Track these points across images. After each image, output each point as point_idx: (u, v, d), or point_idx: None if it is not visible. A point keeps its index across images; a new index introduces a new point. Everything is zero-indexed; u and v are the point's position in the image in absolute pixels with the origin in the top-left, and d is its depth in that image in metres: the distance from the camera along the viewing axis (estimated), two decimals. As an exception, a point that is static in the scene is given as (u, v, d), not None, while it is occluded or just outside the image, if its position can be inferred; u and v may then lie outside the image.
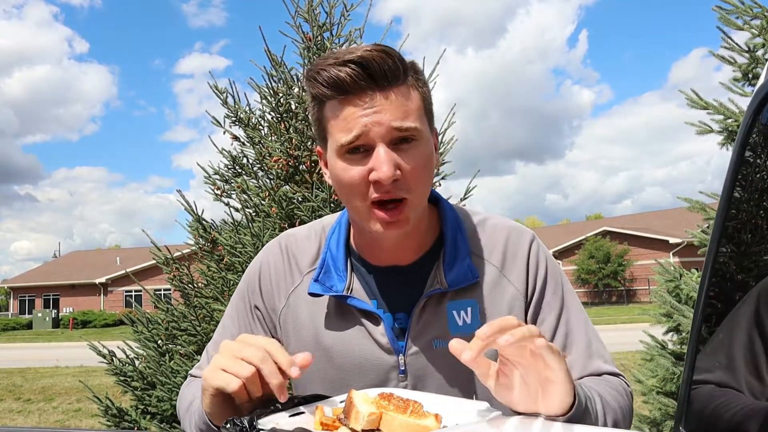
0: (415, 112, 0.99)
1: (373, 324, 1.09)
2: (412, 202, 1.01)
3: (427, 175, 1.03)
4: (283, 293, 1.16)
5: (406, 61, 1.00)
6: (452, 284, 1.07)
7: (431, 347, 1.08)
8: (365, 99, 0.96)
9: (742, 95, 3.72)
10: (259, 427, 0.80)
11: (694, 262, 5.87)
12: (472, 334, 1.00)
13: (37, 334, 30.98)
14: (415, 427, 0.81)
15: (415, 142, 0.99)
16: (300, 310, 1.14)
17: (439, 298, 1.09)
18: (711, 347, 1.12)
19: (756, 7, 3.60)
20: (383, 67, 0.96)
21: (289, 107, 3.79)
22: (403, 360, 1.08)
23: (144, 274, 32.70)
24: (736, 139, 0.93)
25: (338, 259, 1.13)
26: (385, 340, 1.08)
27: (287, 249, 1.19)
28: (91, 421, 8.33)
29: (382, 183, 0.96)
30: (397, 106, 0.97)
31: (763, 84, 0.91)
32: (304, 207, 3.41)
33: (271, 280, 1.18)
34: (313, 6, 3.85)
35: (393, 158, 0.96)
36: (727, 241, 1.03)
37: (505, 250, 1.14)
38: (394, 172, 0.96)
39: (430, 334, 1.08)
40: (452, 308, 1.08)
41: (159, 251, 3.91)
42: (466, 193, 3.85)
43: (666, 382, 3.96)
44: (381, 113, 0.96)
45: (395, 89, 0.98)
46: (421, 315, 1.08)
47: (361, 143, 0.97)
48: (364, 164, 0.98)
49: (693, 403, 1.03)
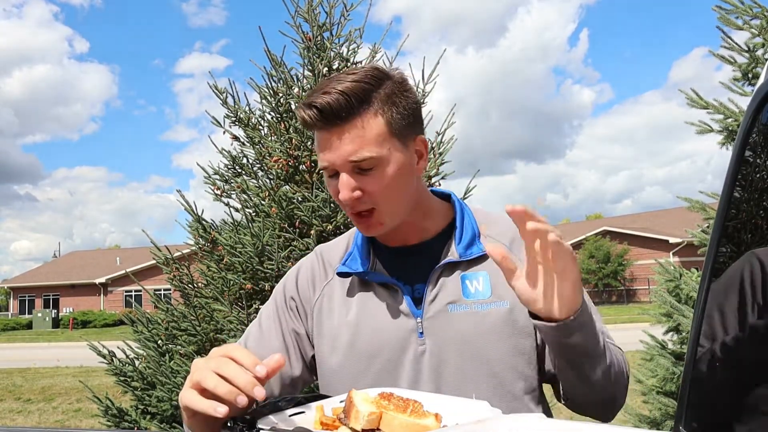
0: (374, 140, 1.11)
1: (393, 294, 1.21)
2: (381, 210, 1.15)
3: (394, 190, 1.14)
4: (318, 287, 1.29)
5: (373, 89, 1.11)
6: (463, 255, 1.20)
7: (447, 311, 1.18)
8: (326, 137, 1.12)
9: (742, 95, 3.72)
10: (260, 427, 0.81)
11: (694, 262, 5.87)
12: (484, 299, 1.19)
13: (37, 334, 30.97)
14: (415, 427, 0.81)
15: (375, 168, 1.11)
16: (333, 296, 1.27)
17: (452, 268, 1.21)
18: (711, 347, 1.12)
19: (756, 7, 3.60)
20: (335, 108, 1.08)
21: (289, 107, 3.79)
22: (421, 323, 1.18)
23: (144, 274, 32.70)
24: (736, 139, 0.93)
25: (362, 245, 1.27)
26: (404, 306, 1.19)
27: (321, 255, 1.34)
28: (91, 421, 8.33)
29: (344, 203, 1.13)
30: (351, 140, 1.10)
31: (763, 84, 0.91)
32: (304, 207, 3.41)
33: (307, 277, 1.31)
34: (313, 6, 3.85)
35: (351, 184, 1.11)
36: (727, 241, 1.03)
37: (513, 238, 1.24)
38: (351, 195, 1.11)
39: (446, 299, 1.19)
40: (465, 278, 1.20)
41: (159, 251, 3.91)
42: (466, 193, 3.85)
43: (666, 381, 3.96)
44: (336, 150, 1.10)
45: (348, 125, 1.10)
46: (436, 282, 1.20)
47: (330, 171, 1.14)
48: (336, 184, 1.14)
49: (693, 403, 1.03)
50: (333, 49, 3.83)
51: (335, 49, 3.85)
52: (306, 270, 1.32)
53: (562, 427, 0.77)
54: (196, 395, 0.90)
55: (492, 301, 1.18)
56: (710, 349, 1.03)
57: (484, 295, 1.19)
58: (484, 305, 1.18)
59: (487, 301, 1.18)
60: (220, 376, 0.88)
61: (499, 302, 1.18)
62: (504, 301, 1.18)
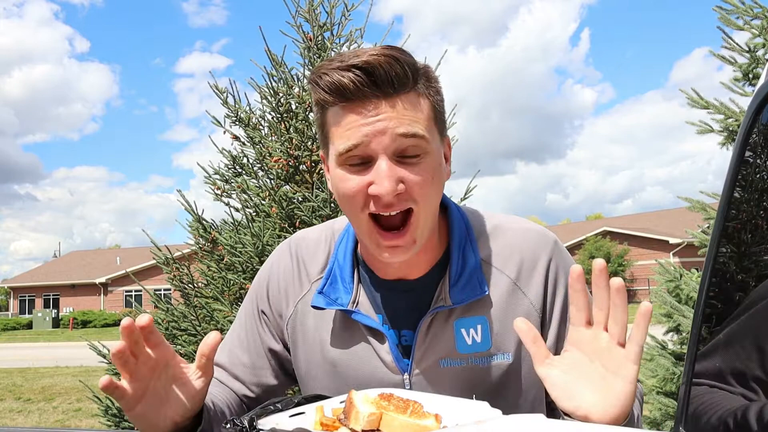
0: (424, 121, 0.93)
1: (378, 341, 1.05)
2: (418, 214, 0.95)
3: (435, 189, 0.96)
4: (291, 300, 1.14)
5: (418, 65, 0.95)
6: (457, 302, 1.02)
7: (438, 367, 1.03)
8: (368, 107, 0.91)
9: (743, 95, 3.72)
10: (259, 427, 0.80)
11: (694, 262, 5.86)
12: (483, 352, 1.02)
13: (37, 334, 30.99)
14: (415, 427, 0.81)
15: (421, 156, 0.93)
16: (307, 319, 1.12)
17: (447, 315, 1.04)
18: (711, 348, 1.12)
19: (756, 7, 3.60)
20: (390, 73, 0.89)
21: (289, 107, 3.79)
22: (408, 379, 1.04)
23: (144, 274, 32.71)
24: (737, 139, 0.93)
25: (345, 269, 1.08)
26: (390, 359, 1.04)
27: (297, 254, 1.16)
28: (91, 421, 8.33)
29: (382, 199, 0.91)
30: (405, 112, 0.91)
31: (763, 84, 0.91)
32: (304, 207, 3.41)
33: (279, 286, 1.16)
34: (313, 6, 3.85)
35: (395, 172, 0.91)
36: (727, 241, 1.03)
37: (522, 260, 1.06)
38: (395, 187, 0.91)
39: (437, 354, 1.03)
40: (460, 326, 1.03)
41: (159, 251, 3.91)
42: (466, 193, 3.85)
43: (666, 382, 3.96)
44: (384, 122, 0.90)
45: (402, 97, 0.92)
46: (426, 333, 1.03)
47: (360, 153, 0.92)
48: (364, 176, 0.93)
49: (693, 403, 1.03)
50: (334, 49, 3.83)
51: (336, 49, 3.85)
52: (278, 279, 1.16)
53: (562, 427, 0.77)
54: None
55: (492, 354, 1.03)
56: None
57: (483, 347, 1.02)
58: (483, 359, 1.03)
59: (486, 354, 1.03)
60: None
61: (500, 355, 1.03)
62: (506, 353, 1.03)
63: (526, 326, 0.85)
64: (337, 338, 1.08)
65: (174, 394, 0.89)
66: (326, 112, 0.96)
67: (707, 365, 1.09)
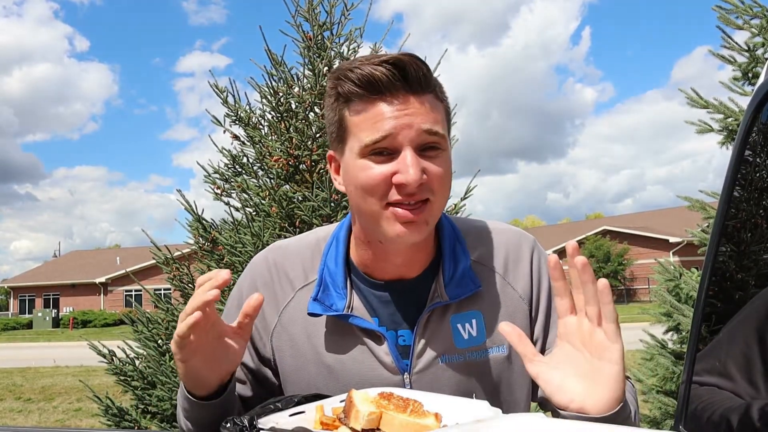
0: (441, 122, 1.00)
1: (375, 343, 1.07)
2: (434, 204, 0.99)
3: (449, 185, 1.03)
4: (274, 312, 1.13)
5: (430, 70, 1.02)
6: (453, 296, 1.06)
7: (437, 364, 1.06)
8: (398, 99, 0.96)
9: (742, 94, 3.73)
10: (259, 427, 0.80)
11: (694, 262, 5.87)
12: (479, 346, 1.06)
13: (37, 334, 30.99)
14: (415, 427, 0.81)
15: (440, 151, 0.99)
16: (295, 328, 1.11)
17: (442, 312, 1.07)
18: (711, 347, 1.12)
19: (756, 7, 3.60)
20: (418, 72, 0.97)
21: (289, 107, 3.79)
22: (408, 378, 1.06)
23: (144, 274, 32.72)
24: (736, 138, 0.93)
25: (337, 275, 1.09)
26: (389, 360, 1.06)
27: (275, 265, 1.16)
28: (91, 421, 8.34)
29: (408, 186, 0.95)
30: (429, 110, 0.98)
31: (763, 83, 0.91)
32: (304, 206, 3.41)
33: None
34: (313, 5, 3.85)
35: (420, 162, 0.96)
36: (727, 241, 1.03)
37: (507, 255, 1.13)
38: (421, 176, 0.95)
39: (436, 351, 1.06)
40: (456, 322, 1.07)
41: (159, 251, 3.91)
42: (466, 193, 3.85)
43: (666, 381, 3.96)
44: (413, 116, 0.96)
45: (427, 96, 0.99)
46: (424, 331, 1.06)
47: (387, 145, 0.96)
48: (388, 166, 0.96)
49: (693, 402, 1.03)
50: (333, 49, 3.83)
51: (336, 49, 3.85)
52: (257, 292, 1.11)
53: (563, 426, 0.77)
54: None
55: (488, 347, 1.08)
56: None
57: (478, 340, 1.07)
58: (480, 353, 1.07)
59: (482, 347, 1.07)
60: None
61: (495, 348, 1.08)
62: (501, 346, 1.08)
63: (510, 328, 0.90)
64: (332, 343, 1.09)
65: (220, 351, 0.96)
66: (349, 105, 1.00)
67: (707, 364, 1.09)
